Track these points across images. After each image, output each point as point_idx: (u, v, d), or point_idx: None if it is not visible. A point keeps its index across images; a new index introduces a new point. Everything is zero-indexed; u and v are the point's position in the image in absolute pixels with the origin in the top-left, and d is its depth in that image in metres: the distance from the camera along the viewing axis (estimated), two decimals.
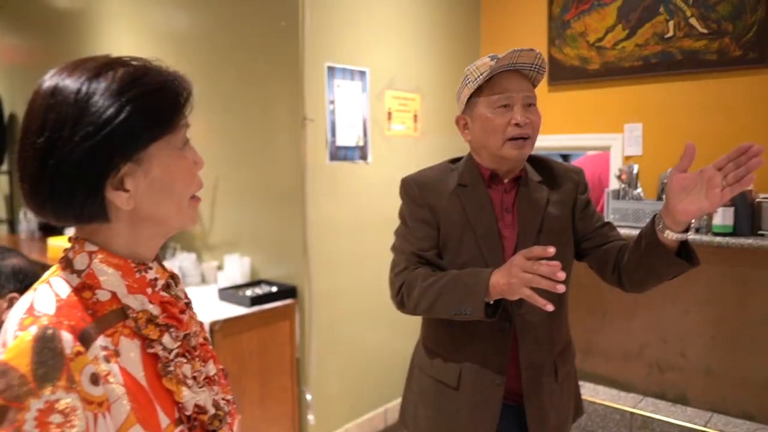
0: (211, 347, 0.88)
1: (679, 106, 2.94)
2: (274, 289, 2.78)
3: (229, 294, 2.73)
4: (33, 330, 0.65)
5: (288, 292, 2.78)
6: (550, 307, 1.15)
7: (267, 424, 2.69)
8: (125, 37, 3.74)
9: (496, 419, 1.42)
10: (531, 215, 1.43)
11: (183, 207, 0.78)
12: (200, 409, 0.78)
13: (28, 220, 4.54)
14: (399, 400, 3.22)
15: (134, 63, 0.74)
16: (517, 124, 1.35)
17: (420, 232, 1.46)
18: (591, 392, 3.09)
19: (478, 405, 1.42)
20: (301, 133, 2.71)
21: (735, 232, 2.61)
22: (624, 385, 3.12)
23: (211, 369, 0.85)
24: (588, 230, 1.51)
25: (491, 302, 1.30)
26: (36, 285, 0.74)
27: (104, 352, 0.70)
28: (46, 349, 0.64)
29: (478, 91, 1.40)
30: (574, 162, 3.87)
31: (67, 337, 0.66)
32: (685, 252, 1.26)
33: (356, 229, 2.98)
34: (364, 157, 2.99)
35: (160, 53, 0.77)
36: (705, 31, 2.82)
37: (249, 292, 2.72)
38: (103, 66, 0.72)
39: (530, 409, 1.42)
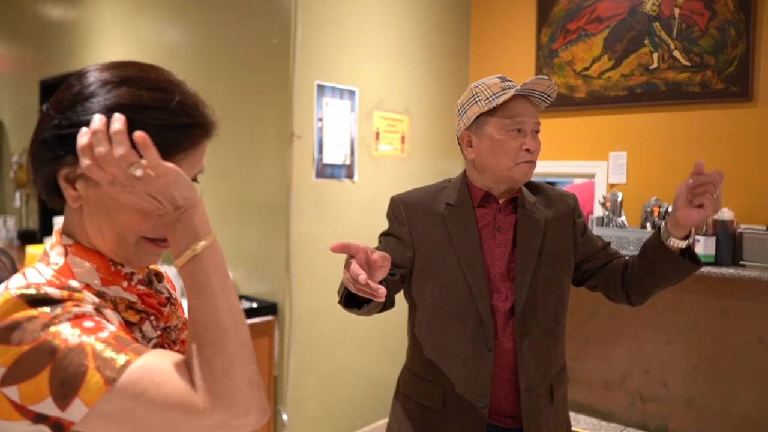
0: None
1: (664, 135, 2.98)
2: (255, 305, 2.75)
3: None
4: (13, 291, 0.66)
5: (268, 308, 2.74)
6: (380, 296, 1.05)
7: None
8: (116, 48, 3.75)
9: None
10: (531, 236, 1.44)
11: (126, 243, 0.75)
12: None
13: (7, 228, 4.47)
14: (376, 424, 3.18)
15: (146, 93, 0.73)
16: (528, 150, 1.38)
17: (387, 246, 1.47)
18: (572, 421, 3.04)
19: (464, 428, 1.40)
20: (288, 150, 2.71)
21: (716, 261, 2.63)
22: (605, 415, 3.08)
23: None
24: (590, 252, 1.54)
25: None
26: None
27: (98, 299, 0.72)
28: (36, 298, 0.66)
29: (490, 111, 1.40)
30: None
31: (51, 288, 0.68)
32: (689, 256, 1.36)
33: None
34: (350, 176, 2.98)
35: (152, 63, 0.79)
36: (688, 63, 2.88)
37: None
38: (123, 80, 0.73)
39: (528, 431, 1.40)
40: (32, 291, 0.66)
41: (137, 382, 0.63)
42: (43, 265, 0.75)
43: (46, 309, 0.65)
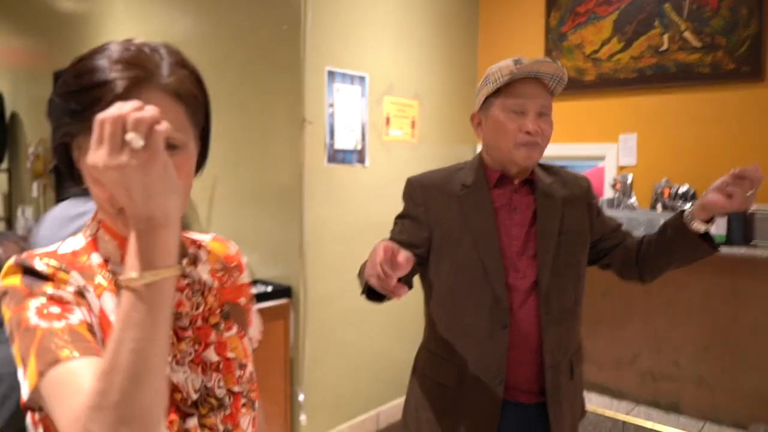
0: (217, 333, 0.85)
1: (674, 117, 2.98)
2: (270, 288, 2.80)
3: None
4: (12, 260, 0.74)
5: (283, 292, 2.79)
6: (397, 295, 1.06)
7: None
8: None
9: (497, 419, 1.42)
10: (550, 216, 1.46)
11: (108, 215, 0.76)
12: (174, 387, 0.76)
13: (25, 218, 4.55)
14: (392, 403, 3.24)
15: (85, 62, 0.73)
16: (527, 132, 1.38)
17: (404, 228, 1.50)
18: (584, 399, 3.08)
19: (479, 405, 1.43)
20: (300, 136, 2.75)
21: (728, 241, 2.64)
22: (616, 393, 3.12)
23: (211, 356, 0.82)
24: (605, 232, 1.57)
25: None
26: None
27: (87, 283, 0.75)
28: (29, 268, 0.72)
29: (497, 93, 1.41)
30: None
31: (39, 262, 0.73)
32: (708, 240, 1.41)
33: (352, 231, 3.00)
34: (361, 161, 3.02)
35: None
36: (699, 44, 2.87)
37: None
38: (82, 56, 0.76)
39: (552, 407, 1.43)
40: (27, 262, 0.73)
41: (59, 383, 0.63)
42: (82, 236, 0.81)
43: (28, 281, 0.71)
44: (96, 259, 0.78)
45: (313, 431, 2.88)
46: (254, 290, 2.74)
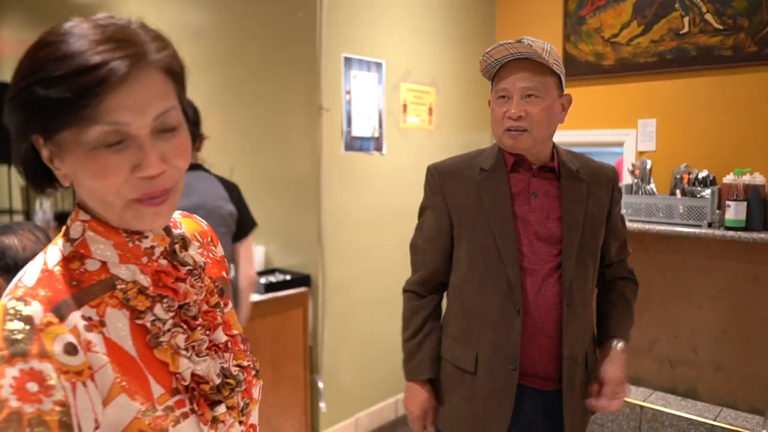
0: (220, 313, 0.84)
1: (694, 101, 2.95)
2: (288, 277, 2.81)
3: None
4: (7, 300, 0.66)
5: (302, 280, 2.80)
6: None
7: (279, 410, 2.72)
8: None
9: (512, 403, 1.43)
10: (576, 206, 1.45)
11: (114, 208, 0.70)
12: (200, 379, 0.75)
13: (43, 210, 4.58)
14: None
15: (54, 40, 0.67)
16: (510, 117, 1.37)
17: (429, 220, 1.52)
18: None
19: (495, 390, 1.44)
20: (317, 123, 2.74)
21: (747, 226, 2.62)
22: (634, 379, 3.12)
23: (221, 337, 0.81)
24: (609, 237, 1.55)
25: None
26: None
27: (85, 322, 0.68)
28: (15, 318, 0.64)
29: (495, 78, 1.45)
30: None
31: (37, 308, 0.65)
32: None
33: (370, 219, 3.00)
34: (378, 149, 3.01)
35: (176, 43, 0.74)
36: (720, 27, 2.83)
37: (263, 280, 2.75)
38: (40, 38, 0.69)
39: (567, 398, 1.44)
40: (19, 305, 0.65)
41: None
42: (64, 241, 0.74)
43: (11, 337, 0.63)
44: (92, 264, 0.72)
45: (333, 419, 2.91)
46: (273, 279, 2.77)
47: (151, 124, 0.68)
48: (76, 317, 0.68)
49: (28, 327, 0.64)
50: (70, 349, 0.65)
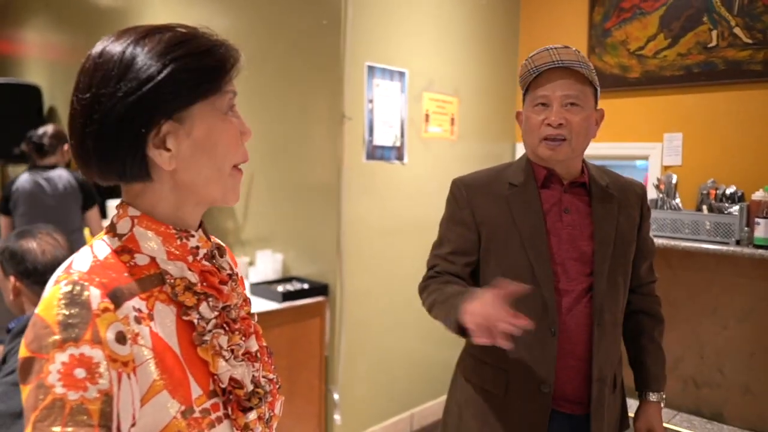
0: (254, 323, 0.86)
1: (721, 116, 2.89)
2: (306, 286, 2.78)
3: (260, 289, 2.73)
4: (63, 284, 0.66)
5: (320, 289, 2.77)
6: (506, 345, 1.12)
7: (293, 420, 2.67)
8: None
9: (546, 427, 1.37)
10: (607, 222, 1.40)
11: (224, 175, 0.76)
12: (236, 383, 0.76)
13: None
14: (425, 406, 3.20)
15: (181, 29, 0.75)
16: (549, 124, 1.32)
17: (453, 234, 1.45)
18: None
19: (527, 413, 1.38)
20: (339, 131, 2.72)
21: None
22: None
23: (253, 345, 0.83)
24: (639, 256, 1.50)
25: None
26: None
27: (136, 313, 0.69)
28: (72, 302, 0.65)
29: (531, 86, 1.39)
30: None
31: (95, 293, 0.66)
32: None
33: (390, 229, 2.97)
34: (400, 158, 2.98)
35: None
36: (750, 41, 2.78)
37: (280, 288, 2.72)
38: (150, 31, 0.73)
39: (595, 422, 1.39)
40: (76, 288, 0.66)
41: None
42: (110, 237, 0.75)
43: (65, 322, 0.64)
44: (141, 259, 0.73)
45: (347, 431, 2.86)
46: (290, 287, 2.74)
47: None
48: (128, 307, 0.69)
49: (84, 311, 0.65)
50: (120, 338, 0.66)
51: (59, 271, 0.70)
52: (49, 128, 3.30)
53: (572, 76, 1.34)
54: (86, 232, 3.34)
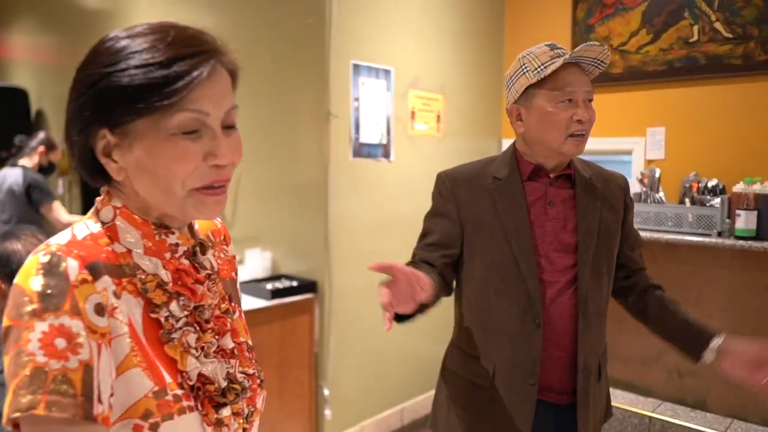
0: (230, 320, 0.84)
1: (703, 110, 2.94)
2: (295, 283, 2.81)
3: (249, 287, 2.75)
4: (41, 254, 0.67)
5: (308, 286, 2.80)
6: (386, 327, 1.15)
7: (284, 416, 2.70)
8: None
9: (531, 418, 1.39)
10: (590, 214, 1.42)
11: (177, 197, 0.72)
12: (206, 380, 0.76)
13: None
14: (415, 400, 3.23)
15: (138, 38, 0.71)
16: (579, 121, 1.33)
17: (436, 227, 1.46)
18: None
19: (513, 405, 1.40)
20: (325, 129, 2.75)
21: (758, 236, 2.59)
22: (642, 390, 3.09)
23: (228, 343, 0.82)
24: (625, 245, 1.52)
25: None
26: None
27: (114, 287, 0.70)
28: (50, 273, 0.65)
29: (539, 83, 1.34)
30: None
31: (72, 264, 0.66)
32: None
33: (377, 226, 3.00)
34: (386, 155, 3.01)
35: None
36: (730, 35, 2.82)
37: (270, 286, 2.74)
38: (108, 39, 0.73)
39: (581, 410, 1.41)
40: (54, 259, 0.66)
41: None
42: (93, 222, 0.75)
43: (44, 292, 0.64)
44: (119, 248, 0.74)
45: (338, 426, 2.89)
46: (279, 285, 2.76)
47: (221, 117, 0.73)
48: (106, 280, 0.69)
49: (62, 282, 0.65)
50: (99, 310, 0.67)
51: (40, 245, 0.71)
52: (38, 134, 3.77)
53: (584, 72, 1.37)
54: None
